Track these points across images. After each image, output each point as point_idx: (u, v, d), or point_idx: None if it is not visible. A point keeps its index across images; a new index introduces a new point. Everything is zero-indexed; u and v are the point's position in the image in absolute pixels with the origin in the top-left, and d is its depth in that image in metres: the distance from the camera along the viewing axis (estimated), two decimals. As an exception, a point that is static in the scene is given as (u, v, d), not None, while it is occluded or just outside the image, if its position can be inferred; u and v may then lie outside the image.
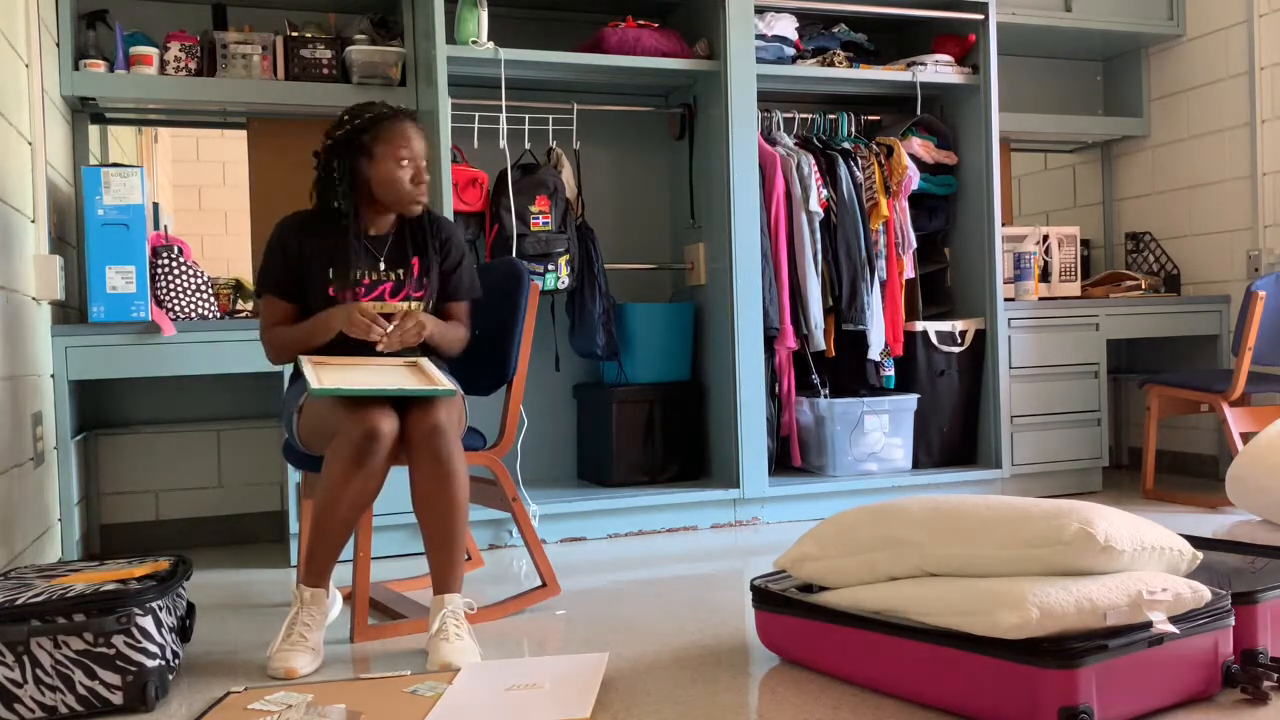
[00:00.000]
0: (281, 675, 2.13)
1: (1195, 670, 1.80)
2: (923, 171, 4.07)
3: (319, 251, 2.47)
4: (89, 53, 3.32)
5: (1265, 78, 4.22)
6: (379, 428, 2.21)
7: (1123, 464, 4.88)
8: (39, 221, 2.89)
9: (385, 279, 2.50)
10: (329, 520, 2.23)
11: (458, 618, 2.23)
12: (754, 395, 3.68)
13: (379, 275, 2.50)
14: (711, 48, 3.74)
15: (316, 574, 2.27)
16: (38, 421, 2.82)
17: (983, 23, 4.02)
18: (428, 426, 2.26)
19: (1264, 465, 3.35)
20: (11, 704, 1.88)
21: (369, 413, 2.22)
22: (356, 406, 2.23)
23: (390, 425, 2.24)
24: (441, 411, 2.30)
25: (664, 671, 2.11)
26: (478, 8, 3.45)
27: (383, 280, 2.50)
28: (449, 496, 2.27)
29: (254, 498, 3.71)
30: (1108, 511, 1.81)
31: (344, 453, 2.21)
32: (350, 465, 2.21)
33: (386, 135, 2.45)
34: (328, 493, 2.22)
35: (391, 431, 2.24)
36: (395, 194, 2.47)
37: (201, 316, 3.26)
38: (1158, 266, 4.61)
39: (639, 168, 4.11)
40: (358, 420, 2.21)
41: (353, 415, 2.22)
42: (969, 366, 4.05)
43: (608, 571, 3.07)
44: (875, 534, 1.98)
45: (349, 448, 2.20)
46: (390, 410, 2.27)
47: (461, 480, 2.29)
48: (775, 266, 3.78)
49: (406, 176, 2.46)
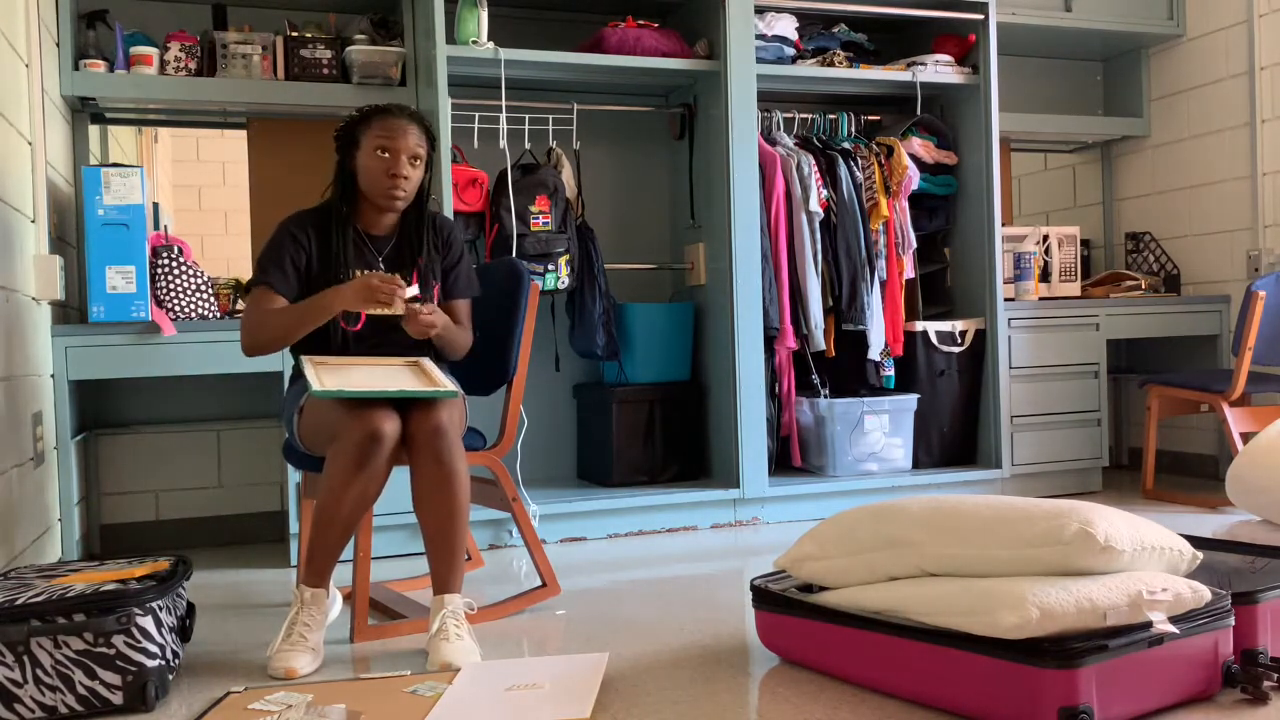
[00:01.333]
0: (281, 675, 2.13)
1: (1195, 670, 1.80)
2: (923, 171, 4.07)
3: (322, 250, 2.46)
4: (89, 53, 3.32)
5: (1265, 78, 4.22)
6: (381, 429, 2.20)
7: (1123, 464, 4.87)
8: (39, 221, 2.89)
9: None
10: (330, 521, 2.23)
11: (458, 618, 2.23)
12: (754, 395, 3.68)
13: None
14: (711, 48, 3.74)
15: (317, 574, 2.27)
16: (38, 421, 2.82)
17: (983, 23, 4.02)
18: (429, 428, 2.26)
19: (1264, 465, 3.35)
20: (11, 704, 1.88)
21: (371, 414, 2.22)
22: (358, 408, 2.23)
23: (392, 427, 2.24)
24: (443, 413, 2.29)
25: (664, 671, 2.11)
26: (478, 8, 3.45)
27: None
28: (450, 498, 2.27)
29: (254, 498, 3.71)
30: (1108, 511, 1.81)
31: (346, 454, 2.20)
32: (352, 467, 2.21)
33: (374, 125, 2.44)
34: (329, 494, 2.22)
35: (393, 433, 2.24)
36: (371, 185, 2.44)
37: (201, 316, 3.26)
38: (1158, 266, 4.61)
39: (639, 168, 4.11)
40: (359, 422, 2.20)
41: (354, 417, 2.21)
42: (969, 366, 4.05)
43: (608, 571, 3.07)
44: (875, 534, 1.98)
45: (351, 449, 2.20)
46: (392, 411, 2.26)
47: (462, 481, 2.28)
48: (775, 266, 3.78)
49: (383, 168, 2.42)
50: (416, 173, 2.47)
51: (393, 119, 2.44)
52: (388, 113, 2.46)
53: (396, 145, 2.42)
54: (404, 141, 2.42)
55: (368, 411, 2.22)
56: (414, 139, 2.44)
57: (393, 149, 2.42)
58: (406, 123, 2.45)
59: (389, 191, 2.44)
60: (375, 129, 2.43)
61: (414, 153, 2.45)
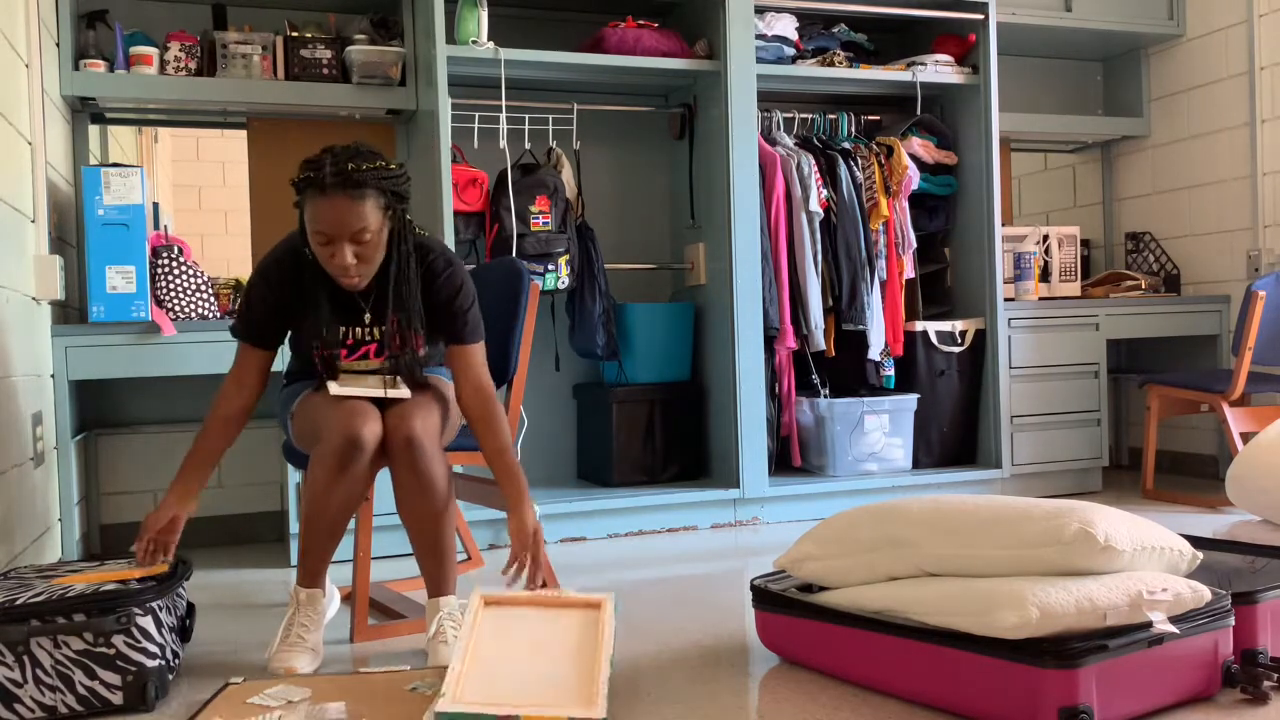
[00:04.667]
0: (281, 675, 2.13)
1: (1195, 670, 1.80)
2: (923, 171, 4.08)
3: (303, 298, 2.27)
4: (89, 53, 3.32)
5: (1265, 78, 4.22)
6: (360, 434, 2.17)
7: (1123, 464, 4.87)
8: (39, 221, 2.89)
9: (369, 339, 2.31)
10: (317, 524, 2.22)
11: (453, 619, 2.24)
12: (754, 395, 3.68)
13: (362, 334, 2.31)
14: (711, 48, 3.74)
15: (310, 575, 2.27)
16: (38, 421, 2.82)
17: (983, 23, 4.03)
18: (401, 439, 2.21)
19: (1264, 465, 3.35)
20: (11, 704, 1.88)
21: (352, 418, 2.19)
22: (340, 411, 2.21)
23: (373, 431, 2.20)
24: (416, 421, 2.21)
25: (664, 671, 2.11)
26: (478, 7, 3.45)
27: (365, 340, 2.32)
28: (429, 505, 2.24)
29: (254, 498, 3.71)
30: (1108, 511, 1.81)
31: (327, 458, 2.18)
32: (333, 471, 2.18)
33: (308, 206, 2.14)
34: (313, 498, 2.21)
35: (374, 437, 2.20)
36: (325, 266, 2.20)
37: (201, 316, 3.26)
38: (1158, 266, 4.61)
39: (639, 168, 4.11)
40: (340, 426, 2.18)
41: (336, 420, 2.19)
42: (969, 366, 4.05)
43: (608, 571, 3.07)
44: (875, 534, 1.98)
45: (332, 454, 2.18)
46: (374, 415, 2.23)
47: (440, 488, 2.23)
48: (775, 266, 3.78)
49: (325, 255, 2.16)
50: (370, 245, 2.16)
51: (325, 201, 2.11)
52: (321, 190, 2.11)
53: (331, 233, 2.13)
54: (341, 228, 2.12)
55: (349, 415, 2.19)
56: (353, 220, 2.12)
57: (330, 234, 2.13)
58: (343, 201, 2.10)
59: (338, 278, 2.20)
60: (309, 210, 2.14)
61: (356, 233, 2.13)
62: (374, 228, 2.15)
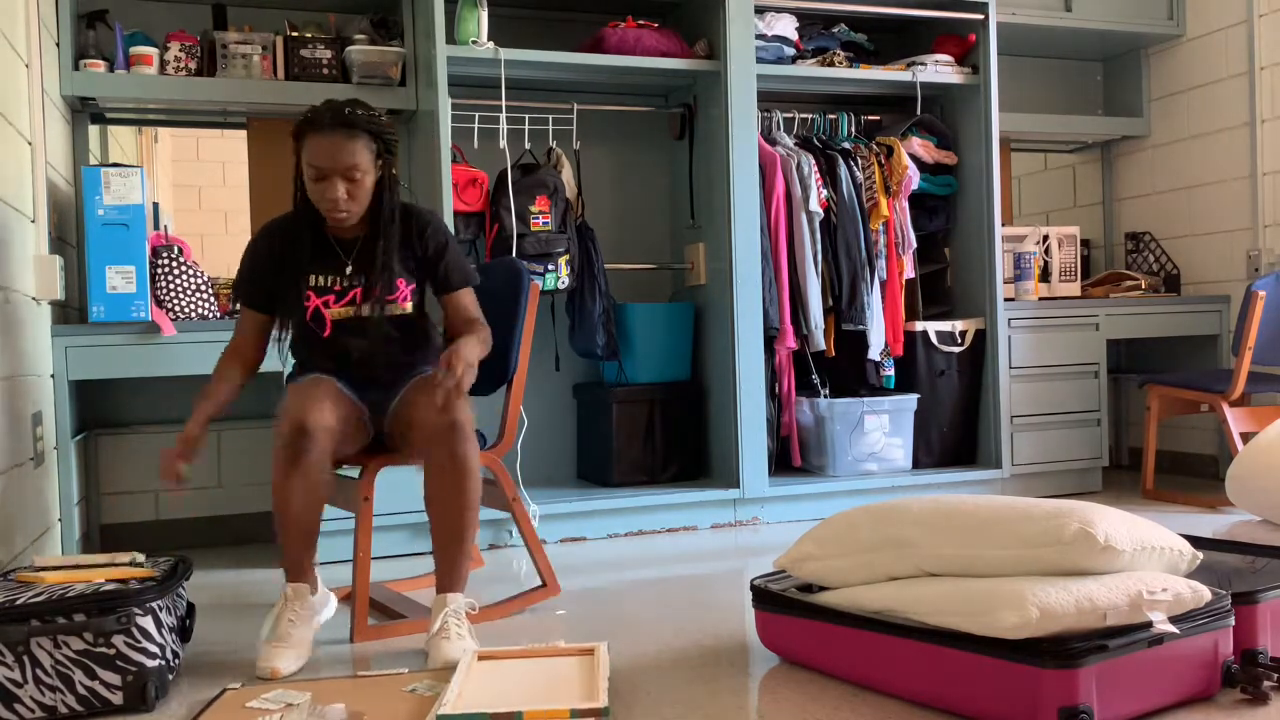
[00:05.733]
0: (267, 675, 2.12)
1: (1195, 670, 1.80)
2: (923, 171, 4.07)
3: (290, 256, 2.40)
4: (89, 53, 3.32)
5: (1265, 78, 4.22)
6: (307, 423, 2.16)
7: (1123, 464, 4.87)
8: (39, 221, 2.89)
9: (354, 284, 2.40)
10: (283, 518, 2.23)
11: (459, 617, 2.23)
12: (754, 395, 3.68)
13: (346, 281, 2.41)
14: (711, 48, 3.74)
15: (292, 569, 2.28)
16: (38, 421, 2.82)
17: (983, 23, 4.03)
18: (446, 423, 2.22)
19: (1264, 465, 3.35)
20: (11, 704, 1.88)
21: (302, 407, 2.18)
22: (295, 397, 2.21)
23: (324, 421, 2.19)
24: (463, 408, 2.24)
25: (664, 671, 2.11)
26: (478, 8, 3.45)
27: (351, 286, 2.41)
28: (462, 496, 2.25)
29: (254, 498, 3.71)
30: (1108, 511, 1.81)
31: (279, 450, 2.18)
32: (286, 463, 2.17)
33: (305, 143, 2.29)
34: (274, 492, 2.21)
35: (325, 428, 2.19)
36: (315, 203, 2.33)
37: (201, 316, 3.26)
38: (1158, 266, 4.61)
39: (639, 168, 4.11)
40: (290, 414, 2.18)
41: (289, 408, 2.19)
42: (969, 366, 4.05)
43: (608, 571, 3.07)
44: (875, 534, 1.98)
45: (281, 444, 2.18)
46: (328, 405, 2.22)
47: (474, 478, 2.26)
48: (775, 266, 3.78)
49: (318, 192, 2.29)
50: (360, 185, 2.31)
51: (321, 137, 2.26)
52: (318, 128, 2.27)
53: (325, 167, 2.27)
54: (334, 162, 2.26)
55: (301, 404, 2.19)
56: (346, 156, 2.26)
57: (323, 171, 2.27)
58: (337, 139, 2.26)
59: (328, 214, 2.32)
60: (306, 149, 2.29)
61: (348, 170, 2.27)
62: (364, 167, 2.30)
